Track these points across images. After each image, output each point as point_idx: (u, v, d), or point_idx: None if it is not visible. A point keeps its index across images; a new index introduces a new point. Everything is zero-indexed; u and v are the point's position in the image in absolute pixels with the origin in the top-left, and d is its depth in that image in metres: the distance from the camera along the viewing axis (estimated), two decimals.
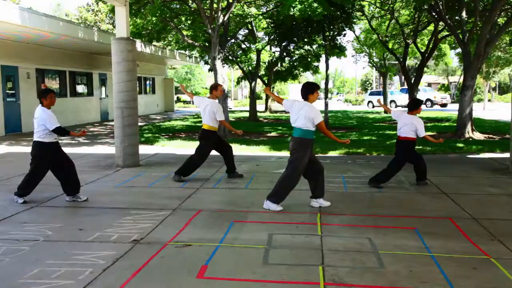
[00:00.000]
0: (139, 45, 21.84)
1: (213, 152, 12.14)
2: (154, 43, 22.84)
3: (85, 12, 41.72)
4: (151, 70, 31.50)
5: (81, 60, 22.48)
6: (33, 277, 3.98)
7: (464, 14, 15.08)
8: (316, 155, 11.34)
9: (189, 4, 17.64)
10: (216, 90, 8.18)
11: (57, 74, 20.96)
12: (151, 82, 32.50)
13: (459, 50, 25.09)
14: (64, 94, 21.44)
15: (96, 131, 18.34)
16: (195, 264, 4.26)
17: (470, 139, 14.44)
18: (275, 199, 6.18)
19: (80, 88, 23.13)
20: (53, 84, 20.93)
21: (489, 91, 45.39)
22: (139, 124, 19.29)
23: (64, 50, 20.75)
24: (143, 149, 11.87)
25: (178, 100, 51.28)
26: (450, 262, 4.31)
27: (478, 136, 15.09)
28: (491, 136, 15.56)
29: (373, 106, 40.55)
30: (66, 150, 12.37)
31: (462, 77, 18.62)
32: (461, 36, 15.02)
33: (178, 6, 18.44)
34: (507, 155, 9.77)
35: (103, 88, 25.16)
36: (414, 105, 7.60)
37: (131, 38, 10.06)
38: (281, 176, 6.24)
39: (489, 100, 43.47)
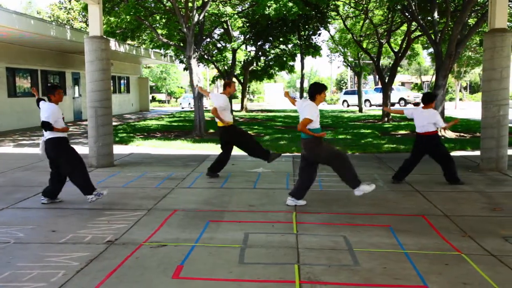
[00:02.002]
0: (113, 43, 21.58)
1: (189, 152, 12.11)
2: (129, 41, 22.59)
3: (57, 10, 40.98)
4: (126, 69, 31.16)
5: (54, 59, 22.09)
6: (3, 280, 3.90)
7: (436, 14, 15.34)
8: (292, 153, 11.43)
9: (164, 2, 17.50)
10: (229, 87, 8.16)
11: (28, 73, 20.55)
12: (125, 81, 32.15)
13: (431, 50, 25.55)
14: None
15: (69, 131, 18.03)
16: (170, 264, 4.23)
17: (442, 137, 14.70)
18: (355, 184, 6.10)
19: None
20: (25, 83, 20.52)
21: (460, 90, 46.30)
22: (114, 123, 19.04)
23: (36, 48, 20.36)
24: (118, 149, 11.73)
25: (153, 99, 50.90)
26: (423, 258, 4.38)
27: (449, 134, 15.38)
28: (462, 134, 15.88)
29: (348, 105, 40.94)
30: (38, 150, 12.18)
31: (434, 77, 18.96)
32: (433, 36, 15.28)
33: (152, 4, 18.29)
34: (477, 153, 9.98)
35: (76, 87, 24.77)
36: (429, 99, 7.66)
37: (105, 36, 9.93)
38: (338, 172, 6.18)
39: (460, 99, 44.33)
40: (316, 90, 6.11)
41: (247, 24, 21.82)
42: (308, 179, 6.31)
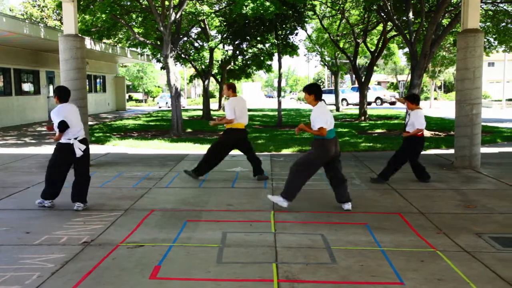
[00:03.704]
0: (88, 42, 21.29)
1: (166, 151, 12.03)
2: (104, 40, 22.31)
3: (30, 8, 40.20)
4: (102, 68, 30.78)
5: (27, 57, 21.68)
6: None
7: (411, 15, 15.55)
8: (270, 152, 11.45)
9: (140, 1, 17.35)
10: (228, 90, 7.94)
11: (1, 71, 20.12)
12: (101, 80, 31.76)
13: (406, 49, 25.86)
14: (9, 93, 20.63)
15: (43, 131, 17.75)
16: (148, 265, 4.20)
17: None
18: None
19: (26, 87, 22.31)
20: None
21: (435, 90, 47.04)
22: (90, 123, 18.82)
23: (9, 46, 19.96)
24: (94, 149, 11.57)
25: (130, 98, 50.43)
26: (399, 255, 4.44)
27: (424, 133, 15.55)
28: (437, 133, 16.13)
29: (326, 104, 41.16)
30: (13, 150, 11.97)
31: (409, 76, 19.24)
32: (408, 36, 15.48)
33: (128, 3, 18.10)
34: (452, 151, 10.15)
35: (51, 86, 24.36)
36: (418, 100, 7.82)
37: (80, 35, 9.80)
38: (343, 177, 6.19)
39: (435, 99, 45.04)
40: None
41: (224, 23, 21.74)
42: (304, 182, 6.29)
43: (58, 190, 6.20)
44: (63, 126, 5.91)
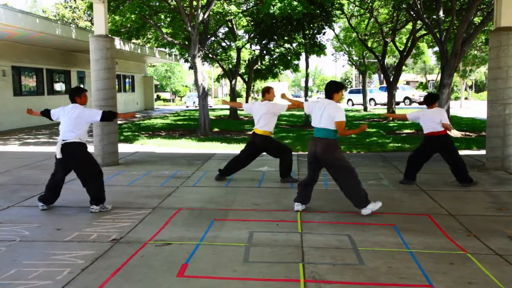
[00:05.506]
0: (118, 42, 21.62)
1: (194, 150, 12.13)
2: (133, 40, 22.63)
3: (62, 9, 41.10)
4: (130, 68, 31.22)
5: (59, 58, 22.16)
6: (9, 278, 3.92)
7: (441, 13, 15.29)
8: (297, 152, 11.42)
9: (169, 1, 17.53)
10: (268, 93, 7.87)
11: (34, 71, 20.62)
12: (130, 80, 32.21)
13: (436, 48, 25.42)
14: (42, 92, 21.11)
15: None
16: (175, 263, 4.24)
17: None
18: (359, 204, 5.85)
19: (58, 86, 22.80)
20: (30, 82, 20.59)
21: (465, 89, 46.12)
22: (119, 122, 19.11)
23: (41, 47, 20.42)
24: (123, 148, 11.76)
25: (158, 98, 51.01)
26: (428, 258, 4.37)
27: (455, 133, 15.32)
28: (468, 133, 15.82)
29: (353, 104, 40.89)
30: (45, 148, 12.25)
31: (439, 76, 18.89)
32: (438, 35, 15.22)
33: (157, 3, 18.31)
34: (483, 152, 9.94)
35: (82, 86, 24.82)
36: (433, 99, 7.63)
37: (110, 35, 9.96)
38: (343, 187, 5.92)
39: (465, 98, 44.16)
40: (333, 89, 5.95)
41: (252, 23, 21.77)
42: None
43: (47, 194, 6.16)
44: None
